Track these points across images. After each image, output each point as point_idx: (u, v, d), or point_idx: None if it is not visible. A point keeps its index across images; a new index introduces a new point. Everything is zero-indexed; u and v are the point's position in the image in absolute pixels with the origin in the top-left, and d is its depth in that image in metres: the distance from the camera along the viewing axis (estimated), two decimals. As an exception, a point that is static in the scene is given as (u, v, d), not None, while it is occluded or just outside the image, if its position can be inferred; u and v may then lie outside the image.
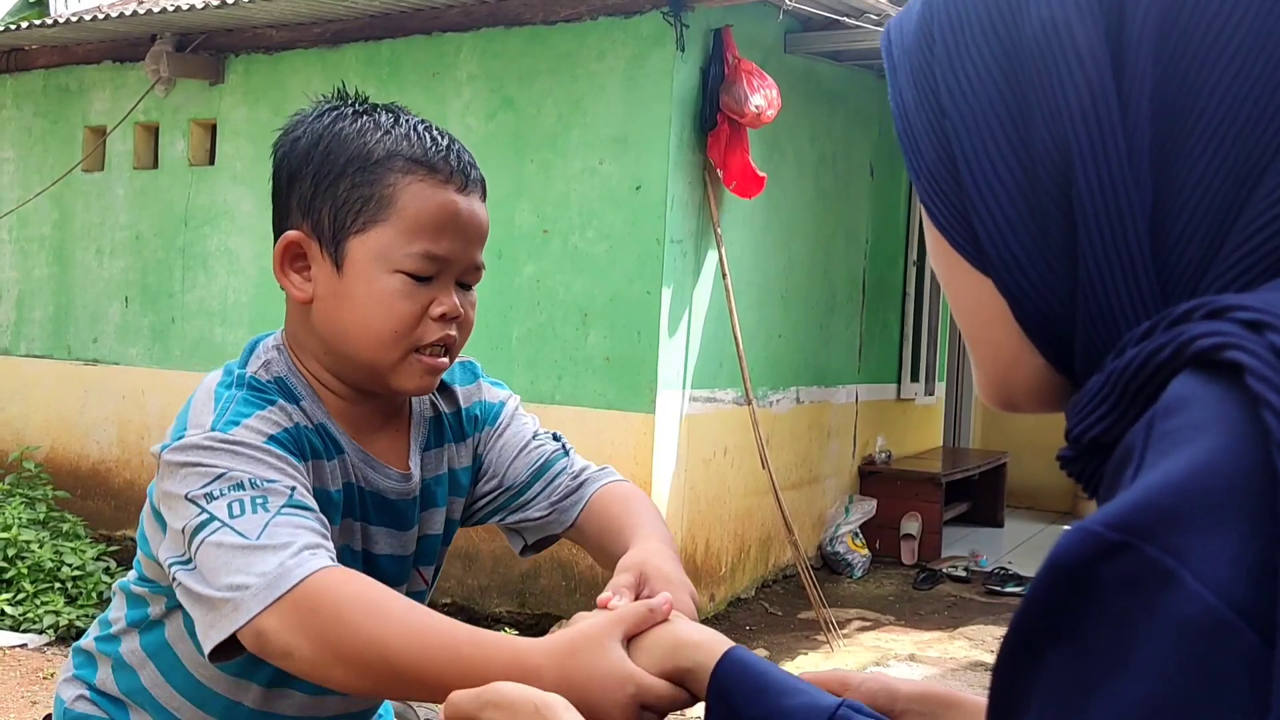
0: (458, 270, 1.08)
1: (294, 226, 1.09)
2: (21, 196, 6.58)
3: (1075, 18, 0.47)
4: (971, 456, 8.33)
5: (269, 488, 0.96)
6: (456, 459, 1.24)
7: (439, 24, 5.26)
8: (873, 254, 6.96)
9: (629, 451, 4.80)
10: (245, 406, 1.03)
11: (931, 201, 0.53)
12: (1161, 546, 0.37)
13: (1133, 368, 0.43)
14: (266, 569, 0.89)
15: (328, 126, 1.08)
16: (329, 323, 1.08)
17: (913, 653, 4.88)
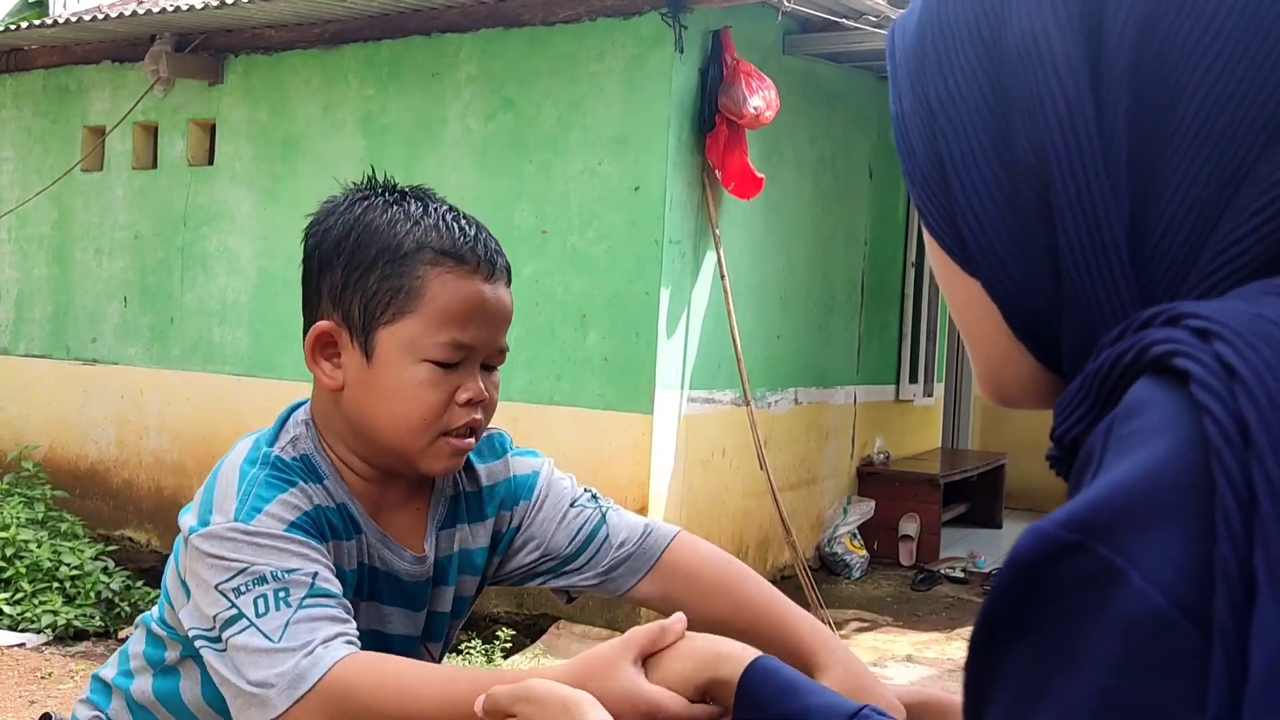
0: (483, 355, 1.12)
1: (324, 316, 1.12)
2: (21, 196, 6.58)
3: (1054, 29, 0.48)
4: (970, 458, 8.33)
5: (291, 579, 0.99)
6: (471, 539, 1.24)
7: (438, 24, 5.26)
8: (871, 255, 6.96)
9: (627, 452, 4.80)
10: (267, 490, 1.06)
11: (923, 204, 0.55)
12: (1112, 546, 0.38)
13: (1103, 371, 0.45)
14: (287, 668, 0.95)
15: (358, 217, 1.11)
16: (358, 410, 1.11)
17: (910, 653, 4.89)
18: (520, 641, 4.67)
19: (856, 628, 5.32)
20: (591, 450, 4.88)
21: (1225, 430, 0.38)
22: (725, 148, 4.90)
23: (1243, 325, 0.40)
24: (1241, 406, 0.38)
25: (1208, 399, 0.39)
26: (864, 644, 5.04)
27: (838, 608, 5.52)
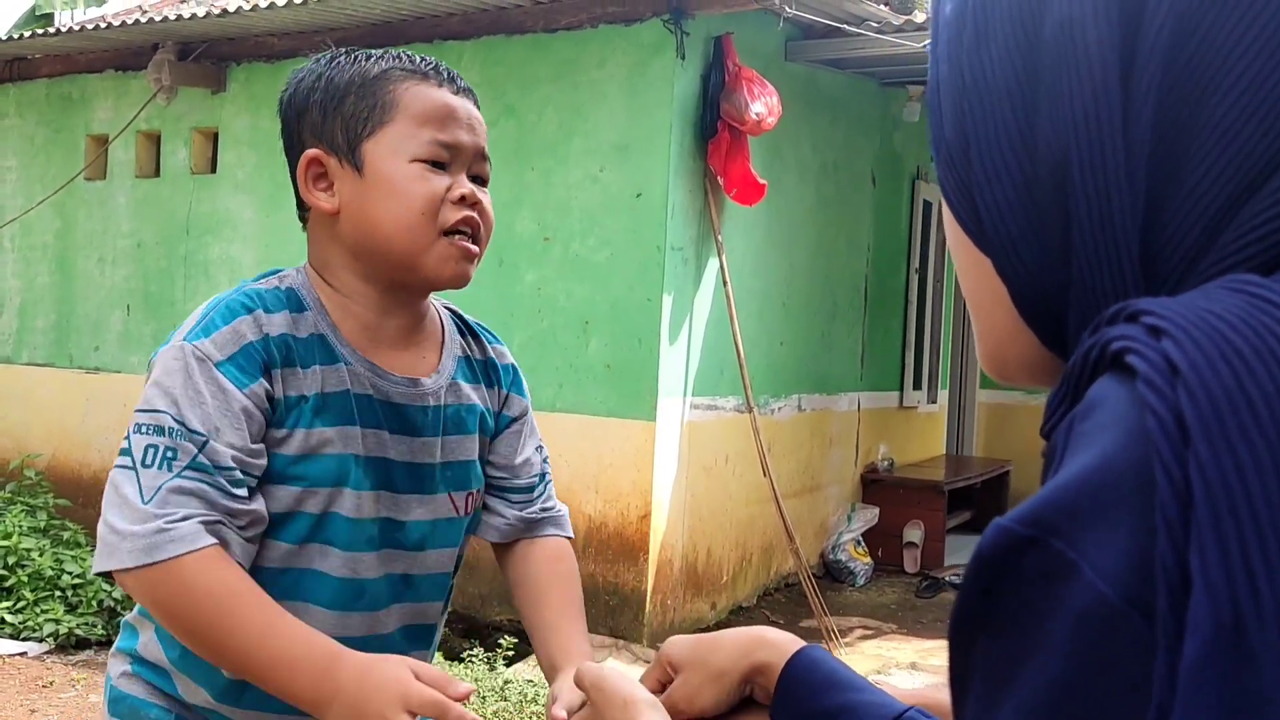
0: (468, 157, 1.18)
1: (309, 149, 1.18)
2: (24, 205, 6.59)
3: (1091, 18, 0.48)
4: (974, 464, 8.31)
5: (182, 442, 1.06)
6: (488, 401, 1.31)
7: (440, 32, 5.26)
8: (875, 261, 6.95)
9: (630, 459, 4.79)
10: (223, 317, 1.12)
11: (944, 176, 0.56)
12: (1065, 540, 0.40)
13: (1075, 367, 0.46)
14: (139, 533, 1.03)
15: (326, 65, 1.21)
16: (358, 224, 1.16)
17: (914, 661, 4.87)
18: (522, 649, 4.66)
19: (861, 635, 5.29)
20: (594, 457, 4.87)
21: (1165, 426, 0.39)
22: (727, 154, 4.90)
23: (1191, 322, 0.41)
24: (1181, 403, 0.39)
25: (1150, 395, 0.40)
26: (868, 651, 5.01)
27: (842, 615, 5.50)
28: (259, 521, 1.12)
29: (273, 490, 1.14)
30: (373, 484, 1.18)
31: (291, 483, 1.14)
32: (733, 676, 0.83)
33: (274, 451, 1.13)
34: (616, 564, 4.81)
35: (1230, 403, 0.38)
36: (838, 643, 4.95)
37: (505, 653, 4.40)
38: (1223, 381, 0.39)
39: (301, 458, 1.14)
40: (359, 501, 1.17)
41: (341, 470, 1.16)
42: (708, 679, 0.83)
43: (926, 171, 7.72)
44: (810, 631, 5.16)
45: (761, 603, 5.72)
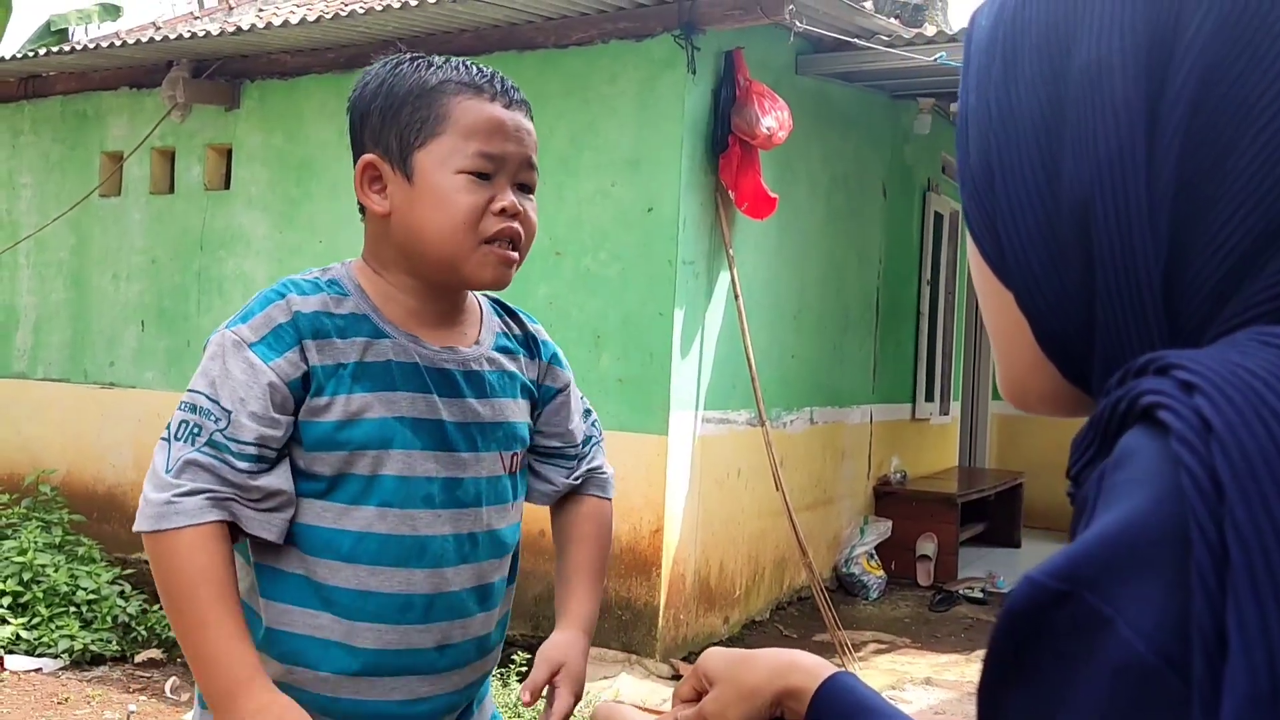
0: (513, 169, 1.24)
1: (366, 153, 1.27)
2: (39, 221, 6.63)
3: (1119, 63, 0.48)
4: (987, 476, 8.28)
5: (205, 421, 1.17)
6: (528, 371, 1.39)
7: (452, 48, 5.29)
8: (886, 274, 6.95)
9: (642, 473, 4.79)
10: (260, 304, 1.23)
11: (969, 206, 0.56)
12: (1100, 595, 0.39)
13: (1104, 417, 0.46)
14: (156, 501, 1.14)
15: (390, 70, 1.27)
16: (407, 228, 1.24)
17: (929, 676, 4.84)
18: (536, 664, 4.65)
19: (875, 649, 5.27)
20: (606, 472, 4.86)
21: (1200, 485, 0.39)
22: (738, 168, 4.91)
23: (1224, 378, 0.41)
24: (1216, 461, 0.39)
25: (1184, 453, 0.39)
26: (882, 666, 4.99)
27: (855, 629, 5.48)
28: (275, 496, 1.19)
29: (321, 456, 1.22)
30: (425, 444, 1.25)
31: (338, 448, 1.21)
32: (764, 696, 0.83)
33: (318, 419, 1.21)
34: (629, 578, 4.81)
35: (1265, 462, 0.38)
36: (851, 657, 4.93)
37: (518, 669, 4.40)
38: (1257, 440, 0.39)
39: (345, 423, 1.21)
40: (410, 461, 1.24)
41: (384, 433, 1.22)
42: (739, 696, 0.84)
43: (938, 183, 7.72)
44: (824, 646, 5.14)
45: (774, 617, 5.70)
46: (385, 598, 1.23)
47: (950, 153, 7.96)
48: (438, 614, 1.26)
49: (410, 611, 1.24)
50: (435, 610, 1.26)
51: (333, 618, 1.22)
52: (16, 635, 4.53)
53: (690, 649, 4.99)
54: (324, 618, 1.22)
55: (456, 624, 1.28)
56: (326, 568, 1.22)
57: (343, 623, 1.22)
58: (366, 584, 1.22)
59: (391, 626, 1.23)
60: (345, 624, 1.22)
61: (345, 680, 1.23)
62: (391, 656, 1.24)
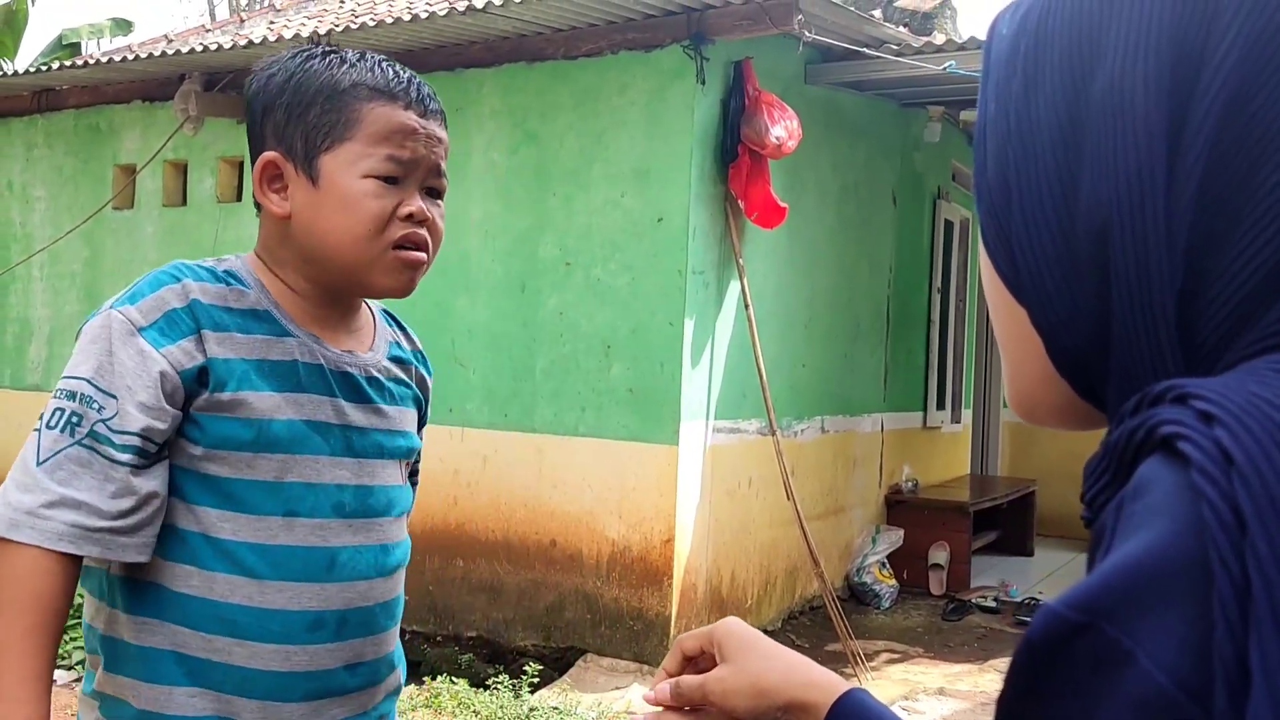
0: (422, 174, 1.20)
1: (269, 150, 1.21)
2: (53, 234, 6.67)
3: (1142, 86, 0.47)
4: (1000, 485, 8.25)
5: (87, 409, 1.09)
6: (418, 384, 1.36)
7: (462, 60, 5.31)
8: (897, 282, 6.94)
9: (652, 483, 4.79)
10: (150, 286, 1.15)
11: (985, 221, 0.55)
12: (1120, 627, 0.39)
13: (1119, 444, 0.45)
14: (20, 505, 1.07)
15: (299, 65, 1.21)
16: (309, 233, 1.19)
17: (942, 686, 4.82)
18: (548, 675, 4.65)
19: (887, 659, 5.26)
20: (617, 482, 4.87)
21: (1221, 518, 0.38)
22: (748, 178, 4.91)
23: (1243, 409, 0.41)
24: (1237, 494, 0.38)
25: (1205, 486, 0.39)
26: (895, 676, 4.98)
27: (868, 639, 5.46)
28: (148, 503, 1.11)
29: (222, 455, 1.14)
30: (333, 450, 1.20)
31: (243, 448, 1.14)
32: (775, 700, 0.81)
33: (221, 415, 1.13)
34: (640, 589, 4.81)
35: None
36: (864, 666, 4.92)
37: (530, 679, 4.40)
38: (1278, 472, 0.38)
39: (252, 422, 1.14)
40: (319, 467, 1.18)
41: (293, 435, 1.16)
42: (750, 690, 0.81)
43: (948, 191, 7.71)
44: (836, 655, 5.12)
45: (786, 626, 5.69)
46: (293, 615, 1.15)
47: (961, 160, 7.95)
48: (351, 632, 1.19)
49: (321, 630, 1.17)
50: (348, 628, 1.19)
51: (232, 640, 1.13)
52: (30, 647, 4.55)
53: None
54: (219, 641, 1.13)
55: (369, 641, 1.22)
56: (226, 584, 1.13)
57: (244, 644, 1.13)
58: (272, 601, 1.14)
59: (300, 648, 1.15)
60: (247, 646, 1.13)
61: (250, 705, 1.14)
62: (300, 680, 1.16)
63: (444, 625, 5.21)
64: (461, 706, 4.10)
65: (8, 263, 6.89)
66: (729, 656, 0.83)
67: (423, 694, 4.27)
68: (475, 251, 5.25)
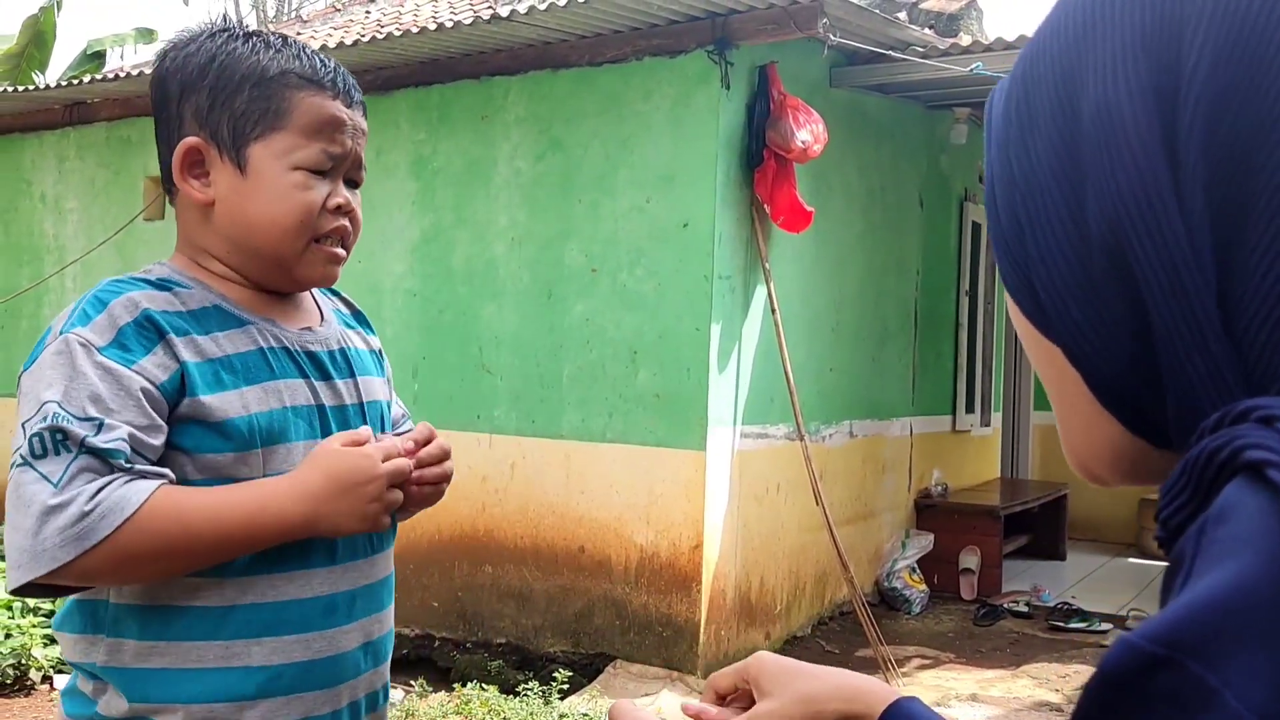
0: (348, 166, 1.22)
1: (189, 134, 1.18)
2: (85, 245, 6.75)
3: (1126, 102, 0.48)
4: (1031, 488, 8.18)
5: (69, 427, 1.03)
6: (371, 343, 1.37)
7: (487, 68, 5.33)
8: (924, 285, 6.90)
9: (680, 489, 4.78)
10: (93, 308, 1.10)
11: (1004, 267, 0.56)
12: (1205, 664, 0.37)
13: (1199, 464, 0.43)
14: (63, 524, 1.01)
15: (221, 45, 1.19)
16: (234, 221, 1.18)
17: (975, 692, 4.79)
18: (577, 682, 4.65)
19: (918, 664, 5.22)
20: (645, 487, 4.86)
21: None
22: (774, 182, 4.90)
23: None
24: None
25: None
26: (926, 682, 4.94)
27: (898, 644, 5.43)
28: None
29: (208, 460, 1.12)
30: (312, 433, 1.19)
31: (225, 448, 1.12)
32: (825, 710, 0.80)
33: (199, 421, 1.11)
34: (669, 595, 4.80)
35: None
36: (895, 672, 4.89)
37: (560, 685, 4.40)
38: None
39: (230, 423, 1.12)
40: (300, 453, 1.16)
41: (276, 425, 1.15)
42: (799, 705, 0.80)
43: (975, 193, 7.67)
44: (866, 661, 5.10)
45: (816, 632, 5.66)
46: (307, 603, 1.15)
47: (987, 162, 7.89)
48: (360, 611, 1.20)
49: (335, 613, 1.17)
50: (358, 607, 1.20)
51: (250, 641, 1.13)
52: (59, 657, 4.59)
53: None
54: (237, 645, 1.12)
55: (375, 619, 1.23)
56: (235, 587, 1.13)
57: (262, 642, 1.13)
58: (285, 592, 1.14)
59: (319, 634, 1.16)
60: (266, 643, 1.13)
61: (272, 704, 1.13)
62: (322, 667, 1.16)
63: (473, 632, 5.22)
64: (491, 713, 4.10)
65: (41, 274, 6.98)
66: (769, 689, 0.82)
67: (452, 700, 4.28)
68: (502, 259, 5.26)
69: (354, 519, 1.12)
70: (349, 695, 1.20)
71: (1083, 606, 6.19)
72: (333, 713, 1.18)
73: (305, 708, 1.15)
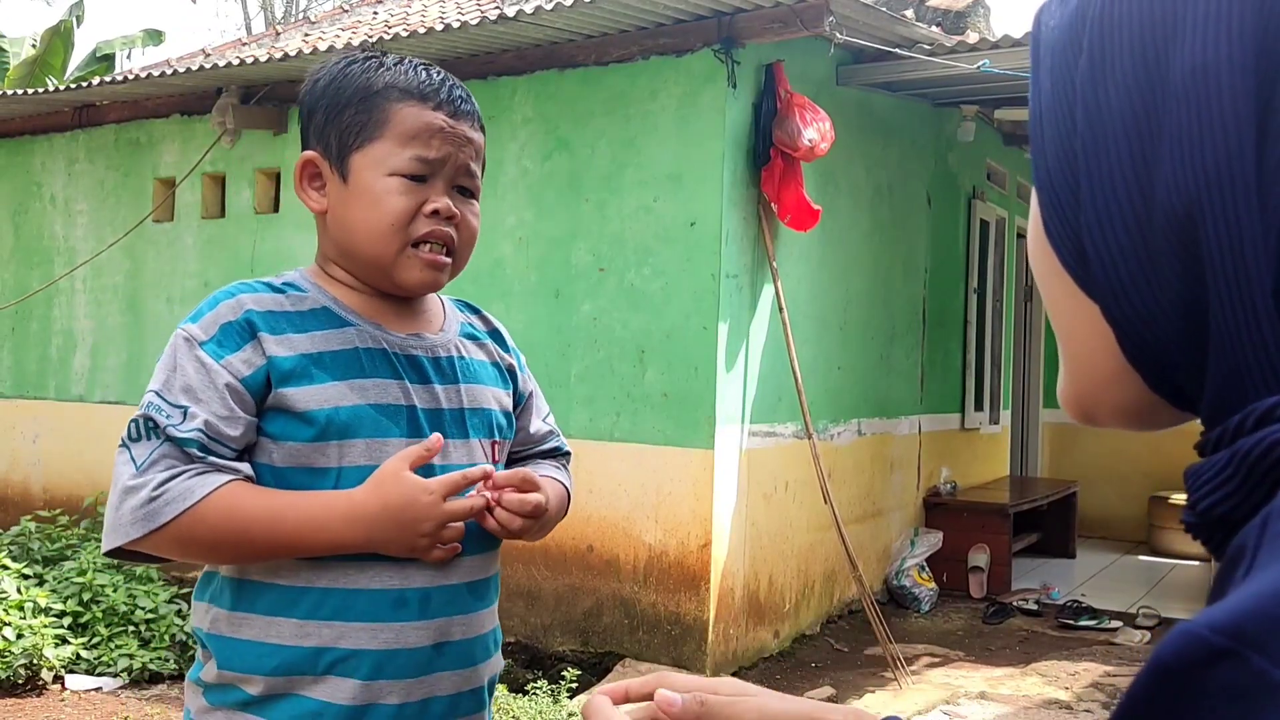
0: (450, 173, 1.24)
1: (309, 149, 1.28)
2: (95, 247, 6.78)
3: (1227, 69, 0.45)
4: (1040, 486, 8.17)
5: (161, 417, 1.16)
6: (499, 359, 1.39)
7: (494, 68, 5.34)
8: (932, 283, 6.90)
9: (688, 487, 4.78)
10: (208, 306, 1.22)
11: (1048, 212, 0.53)
12: (1270, 658, 0.35)
13: (1256, 453, 0.42)
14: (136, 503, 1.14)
15: (341, 69, 1.28)
16: (340, 227, 1.25)
17: (984, 690, 4.78)
18: (586, 680, 4.65)
19: (927, 663, 5.22)
20: (653, 486, 4.87)
21: None
22: (781, 181, 4.90)
23: None
24: None
25: None
26: (936, 680, 4.94)
27: (907, 642, 5.43)
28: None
29: (289, 447, 1.20)
30: (400, 432, 1.23)
31: (304, 436, 1.19)
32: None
33: (287, 411, 1.19)
34: (678, 593, 4.80)
35: None
36: (904, 670, 4.88)
37: (569, 684, 4.40)
38: None
39: (315, 413, 1.19)
40: (384, 449, 1.21)
41: (355, 420, 1.20)
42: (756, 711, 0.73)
43: (983, 191, 7.65)
44: (875, 659, 5.10)
45: (825, 630, 5.66)
46: (377, 594, 1.19)
47: (995, 160, 7.88)
48: (436, 610, 1.22)
49: (405, 608, 1.20)
50: (432, 606, 1.21)
51: (321, 623, 1.18)
52: (77, 655, 4.61)
53: (740, 663, 4.96)
54: (310, 625, 1.18)
55: (457, 620, 1.24)
56: (310, 569, 1.19)
57: (332, 625, 1.18)
58: (355, 581, 1.19)
59: (385, 624, 1.19)
60: (335, 626, 1.18)
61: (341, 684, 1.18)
62: (388, 658, 1.19)
63: (482, 631, 5.23)
64: (501, 712, 4.11)
65: (51, 276, 7.01)
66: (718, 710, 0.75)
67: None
68: (509, 259, 5.27)
69: (404, 550, 1.18)
70: (420, 691, 1.21)
71: (1092, 604, 6.18)
72: (400, 704, 1.20)
73: (370, 695, 1.18)
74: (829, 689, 4.70)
